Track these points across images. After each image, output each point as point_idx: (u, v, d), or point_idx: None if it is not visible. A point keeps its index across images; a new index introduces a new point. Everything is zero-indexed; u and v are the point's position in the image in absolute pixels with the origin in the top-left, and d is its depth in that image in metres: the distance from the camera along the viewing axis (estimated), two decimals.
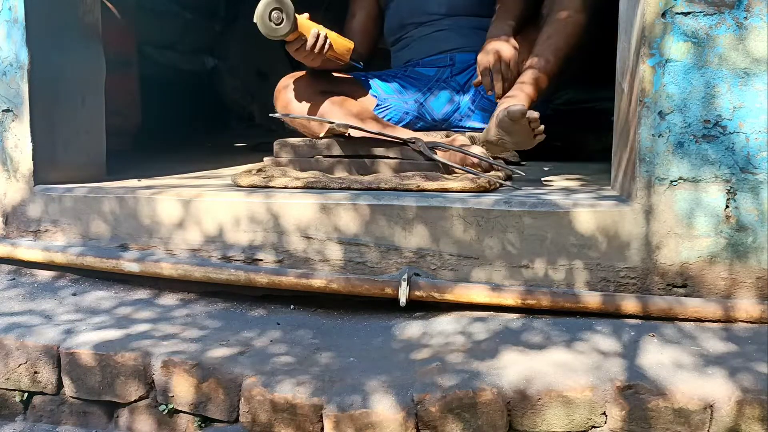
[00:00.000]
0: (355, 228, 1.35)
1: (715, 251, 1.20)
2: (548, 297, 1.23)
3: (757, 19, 1.15)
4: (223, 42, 3.69)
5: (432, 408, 1.01)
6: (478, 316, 1.26)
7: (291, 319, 1.34)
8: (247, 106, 3.83)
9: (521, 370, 1.06)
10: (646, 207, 1.22)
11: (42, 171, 1.60)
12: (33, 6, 1.55)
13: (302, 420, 1.05)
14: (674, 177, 1.20)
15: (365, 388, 1.05)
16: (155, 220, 1.48)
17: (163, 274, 1.42)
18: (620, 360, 1.08)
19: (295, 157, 1.68)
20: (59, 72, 1.63)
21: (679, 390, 1.00)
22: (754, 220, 1.18)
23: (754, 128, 1.16)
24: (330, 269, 1.37)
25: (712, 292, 1.21)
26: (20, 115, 1.57)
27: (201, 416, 1.15)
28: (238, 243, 1.43)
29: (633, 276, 1.24)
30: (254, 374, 1.10)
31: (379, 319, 1.31)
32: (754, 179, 1.17)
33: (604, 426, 1.03)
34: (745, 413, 0.98)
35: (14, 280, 1.57)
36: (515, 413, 1.02)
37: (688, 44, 1.17)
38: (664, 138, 1.20)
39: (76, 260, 1.49)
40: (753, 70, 1.16)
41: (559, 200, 1.29)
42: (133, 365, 1.17)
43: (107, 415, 1.22)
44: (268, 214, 1.40)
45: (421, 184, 1.45)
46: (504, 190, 1.49)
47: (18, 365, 1.25)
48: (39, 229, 1.60)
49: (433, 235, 1.32)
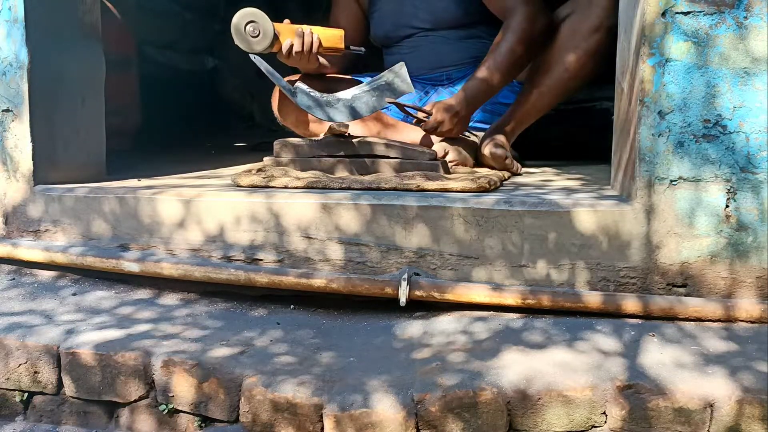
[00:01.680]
0: (355, 228, 1.35)
1: (716, 251, 1.20)
2: (549, 297, 1.23)
3: (757, 18, 1.15)
4: (223, 42, 3.68)
5: (432, 408, 1.01)
6: (479, 315, 1.26)
7: (291, 318, 1.34)
8: (247, 106, 3.83)
9: (522, 370, 1.06)
10: (647, 206, 1.22)
11: (42, 171, 1.60)
12: (33, 6, 1.55)
13: (303, 420, 1.05)
14: (674, 176, 1.20)
15: (366, 387, 1.05)
16: (156, 219, 1.48)
17: (163, 274, 1.42)
18: (621, 359, 1.08)
19: (296, 156, 1.68)
20: (59, 72, 1.63)
21: (679, 389, 1.00)
22: (754, 219, 1.19)
23: (754, 128, 1.16)
24: (330, 269, 1.37)
25: (713, 292, 1.21)
26: (20, 115, 1.57)
27: (201, 416, 1.15)
28: (239, 243, 1.43)
29: (633, 276, 1.24)
30: (254, 374, 1.10)
31: (379, 318, 1.31)
32: (755, 179, 1.17)
33: (604, 425, 1.03)
34: (745, 412, 0.98)
35: (14, 280, 1.57)
36: (515, 413, 1.02)
37: (688, 44, 1.17)
38: (664, 137, 1.20)
39: (77, 260, 1.49)
40: (753, 70, 1.16)
41: (559, 200, 1.29)
42: (133, 365, 1.17)
43: (107, 414, 1.22)
44: (269, 213, 1.40)
45: (421, 184, 1.45)
46: (505, 189, 1.49)
47: (18, 365, 1.25)
48: (39, 229, 1.60)
49: (433, 235, 1.32)
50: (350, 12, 2.17)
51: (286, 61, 1.83)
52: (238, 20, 1.70)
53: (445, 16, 2.04)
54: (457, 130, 1.82)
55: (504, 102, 2.02)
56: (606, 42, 1.71)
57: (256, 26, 1.69)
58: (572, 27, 1.81)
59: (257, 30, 1.69)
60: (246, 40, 1.70)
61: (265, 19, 1.70)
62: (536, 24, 1.81)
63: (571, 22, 1.81)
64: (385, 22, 2.12)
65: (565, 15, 1.84)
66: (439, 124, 1.78)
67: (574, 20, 1.81)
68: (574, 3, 1.84)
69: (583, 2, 1.81)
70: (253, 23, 1.69)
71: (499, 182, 1.54)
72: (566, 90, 1.87)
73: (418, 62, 2.08)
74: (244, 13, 1.70)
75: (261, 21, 1.69)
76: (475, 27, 2.05)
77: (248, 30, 1.68)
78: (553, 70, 1.83)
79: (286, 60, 1.82)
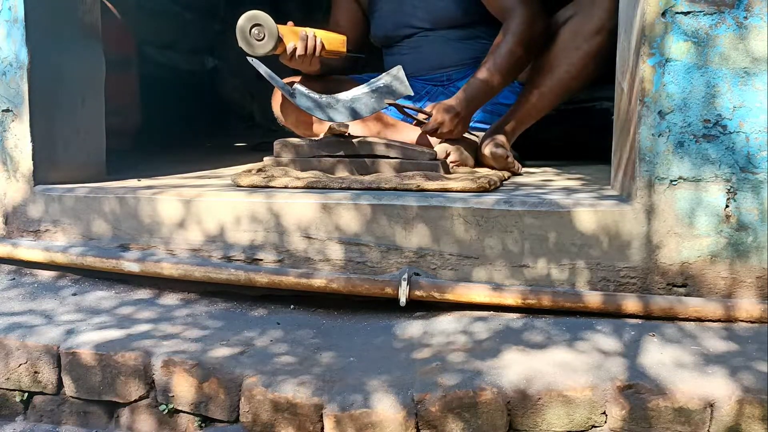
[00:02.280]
0: (355, 228, 1.35)
1: (716, 250, 1.20)
2: (549, 297, 1.23)
3: (757, 18, 1.15)
4: (223, 42, 3.69)
5: (432, 408, 1.01)
6: (479, 315, 1.26)
7: (291, 318, 1.34)
8: (247, 106, 3.83)
9: (522, 370, 1.06)
10: (647, 206, 1.22)
11: (42, 171, 1.60)
12: (33, 6, 1.55)
13: (303, 420, 1.05)
14: (674, 176, 1.20)
15: (366, 387, 1.05)
16: (156, 220, 1.48)
17: (163, 274, 1.42)
18: (621, 359, 1.08)
19: (296, 156, 1.68)
20: (59, 72, 1.63)
21: (679, 389, 1.00)
22: (754, 219, 1.19)
23: (754, 128, 1.16)
24: (331, 269, 1.37)
25: (713, 292, 1.21)
26: (20, 115, 1.57)
27: (201, 416, 1.15)
28: (239, 243, 1.43)
29: (633, 275, 1.24)
30: (255, 374, 1.10)
31: (379, 318, 1.31)
32: (755, 179, 1.17)
33: (604, 425, 1.03)
34: (745, 412, 0.98)
35: (15, 280, 1.57)
36: (515, 413, 1.02)
37: (688, 44, 1.17)
38: (664, 137, 1.20)
39: (77, 260, 1.49)
40: (753, 70, 1.16)
41: (559, 200, 1.29)
42: (133, 365, 1.17)
43: (107, 414, 1.22)
44: (269, 213, 1.40)
45: (421, 184, 1.45)
46: (505, 189, 1.49)
47: (18, 365, 1.25)
48: (39, 229, 1.60)
49: (433, 235, 1.32)
50: (350, 12, 2.16)
51: (288, 64, 1.83)
52: (243, 23, 1.69)
53: (444, 16, 2.04)
54: (458, 131, 1.82)
55: (504, 102, 2.03)
56: (608, 44, 1.72)
57: (261, 29, 1.68)
58: (574, 29, 1.82)
59: (262, 33, 1.68)
60: (250, 43, 1.70)
61: (270, 22, 1.69)
62: (535, 26, 1.82)
63: (574, 23, 1.82)
64: (385, 23, 2.12)
65: (568, 17, 1.85)
66: (440, 125, 1.78)
67: (577, 22, 1.81)
68: (577, 5, 1.85)
69: (585, 4, 1.82)
70: (258, 27, 1.68)
71: (499, 182, 1.54)
72: (567, 91, 1.87)
73: (419, 63, 2.08)
74: (249, 17, 1.70)
75: (266, 24, 1.69)
76: (474, 27, 2.05)
77: (253, 33, 1.68)
78: (555, 71, 1.84)
79: (288, 62, 1.82)
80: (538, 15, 1.84)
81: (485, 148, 1.80)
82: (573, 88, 1.87)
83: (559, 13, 1.88)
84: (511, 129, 1.88)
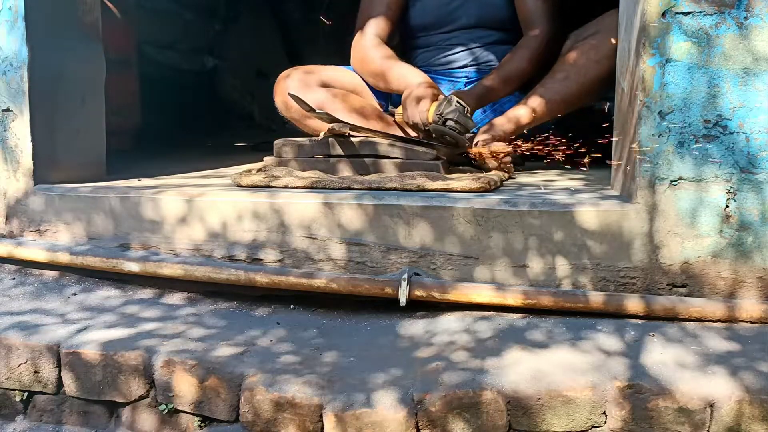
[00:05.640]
0: (357, 227, 1.35)
1: (716, 250, 1.20)
2: (550, 297, 1.23)
3: (758, 18, 1.15)
4: (223, 42, 3.69)
5: (433, 407, 1.01)
6: (480, 315, 1.26)
7: (292, 318, 1.34)
8: (247, 106, 3.83)
9: (522, 370, 1.06)
10: (647, 206, 1.22)
11: (42, 170, 1.61)
12: (33, 6, 1.55)
13: (303, 419, 1.05)
14: (675, 177, 1.20)
15: (366, 387, 1.05)
16: (157, 219, 1.48)
17: (163, 274, 1.42)
18: (622, 359, 1.08)
19: (297, 156, 1.68)
20: (59, 71, 1.63)
21: (679, 389, 1.00)
22: (754, 219, 1.19)
23: (755, 128, 1.17)
24: (332, 268, 1.37)
25: (714, 292, 1.22)
26: (20, 115, 1.57)
27: (202, 415, 1.15)
28: (241, 242, 1.43)
29: (634, 275, 1.24)
30: (255, 373, 1.10)
31: (380, 318, 1.31)
32: (755, 179, 1.18)
33: (604, 426, 1.03)
34: (745, 412, 0.98)
35: (16, 279, 1.57)
36: (516, 412, 1.02)
37: (689, 44, 1.17)
38: (664, 138, 1.20)
39: (77, 260, 1.49)
40: (753, 70, 1.16)
41: (560, 200, 1.29)
42: (133, 364, 1.17)
43: (108, 414, 1.22)
44: (271, 212, 1.40)
45: (423, 184, 1.45)
46: (506, 189, 1.49)
47: (19, 364, 1.25)
48: (40, 228, 1.60)
49: (435, 235, 1.32)
50: None
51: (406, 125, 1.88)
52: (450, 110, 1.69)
53: (493, 15, 2.08)
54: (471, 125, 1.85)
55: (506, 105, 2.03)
56: None
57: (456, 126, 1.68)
58: (596, 45, 1.83)
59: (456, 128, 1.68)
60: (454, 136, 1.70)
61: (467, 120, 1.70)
62: (550, 46, 1.93)
63: (596, 40, 1.84)
64: (428, 13, 2.13)
65: (589, 34, 1.87)
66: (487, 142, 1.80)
67: (599, 38, 1.83)
68: (600, 23, 1.87)
69: (607, 23, 1.83)
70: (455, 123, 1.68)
71: (500, 182, 1.54)
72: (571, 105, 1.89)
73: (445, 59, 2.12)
74: None
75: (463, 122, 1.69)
76: (508, 32, 2.07)
77: (448, 125, 1.68)
78: (567, 82, 1.85)
79: None
80: (556, 34, 1.93)
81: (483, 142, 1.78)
82: (576, 105, 1.89)
83: (582, 29, 1.91)
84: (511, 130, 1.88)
